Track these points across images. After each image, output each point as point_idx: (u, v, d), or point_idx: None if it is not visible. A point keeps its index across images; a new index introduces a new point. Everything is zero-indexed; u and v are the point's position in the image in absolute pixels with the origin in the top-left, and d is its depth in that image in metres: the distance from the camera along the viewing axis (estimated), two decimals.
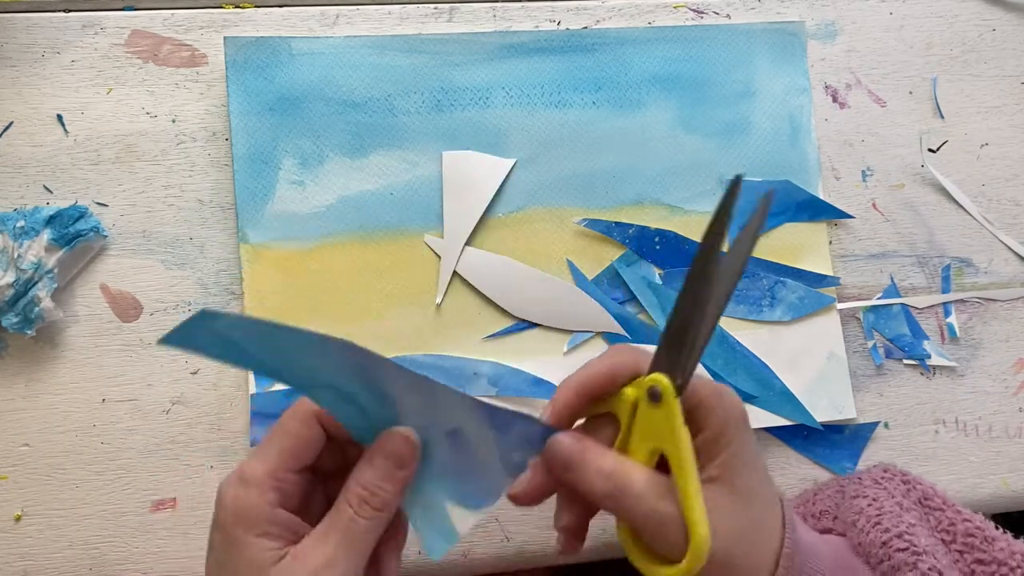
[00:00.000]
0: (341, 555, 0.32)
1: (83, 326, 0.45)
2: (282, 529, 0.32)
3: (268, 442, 0.33)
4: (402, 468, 0.33)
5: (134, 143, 0.47)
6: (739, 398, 0.35)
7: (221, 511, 0.32)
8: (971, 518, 0.41)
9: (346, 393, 0.32)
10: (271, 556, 0.31)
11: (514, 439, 0.35)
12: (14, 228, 0.44)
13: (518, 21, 0.51)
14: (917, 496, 0.43)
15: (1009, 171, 0.54)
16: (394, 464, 0.33)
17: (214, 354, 0.30)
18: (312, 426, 0.33)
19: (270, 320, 0.30)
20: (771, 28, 0.52)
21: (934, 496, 0.43)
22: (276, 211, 0.47)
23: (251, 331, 0.30)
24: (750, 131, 0.51)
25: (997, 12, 0.56)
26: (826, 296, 0.50)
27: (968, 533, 0.40)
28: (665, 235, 0.50)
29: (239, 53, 0.47)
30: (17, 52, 0.47)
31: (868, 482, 0.43)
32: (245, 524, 0.31)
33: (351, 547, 0.32)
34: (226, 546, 0.32)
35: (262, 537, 0.31)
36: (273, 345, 0.30)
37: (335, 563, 0.31)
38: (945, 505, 0.42)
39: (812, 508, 0.45)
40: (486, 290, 0.48)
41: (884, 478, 0.43)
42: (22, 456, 0.44)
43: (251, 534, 0.31)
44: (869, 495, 0.42)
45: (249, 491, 0.32)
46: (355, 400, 0.32)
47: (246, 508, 0.31)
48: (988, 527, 0.41)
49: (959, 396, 0.52)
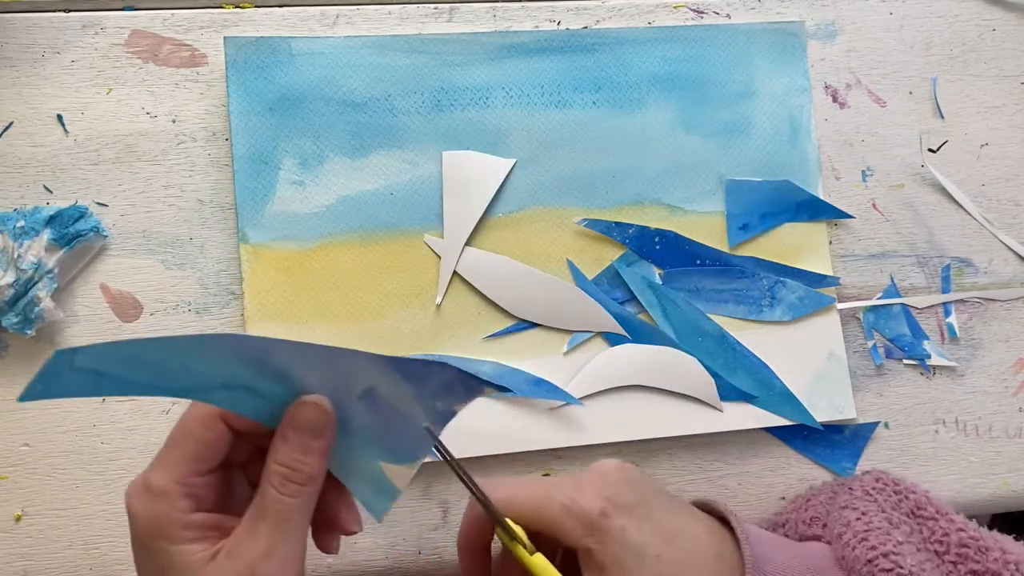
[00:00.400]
0: (277, 541, 0.30)
1: (83, 326, 0.45)
2: (204, 531, 0.31)
3: (170, 448, 0.32)
4: (317, 438, 0.32)
5: (134, 143, 0.47)
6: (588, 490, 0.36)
7: (134, 524, 0.31)
8: (965, 527, 0.41)
9: (240, 387, 0.31)
10: (201, 558, 0.30)
11: (434, 389, 0.33)
12: (14, 228, 0.44)
13: (518, 21, 0.51)
14: (910, 507, 0.42)
15: (1009, 171, 0.54)
16: (309, 435, 0.31)
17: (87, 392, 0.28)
18: (215, 427, 0.32)
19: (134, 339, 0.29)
20: (771, 28, 0.52)
21: (927, 505, 0.42)
22: (276, 211, 0.47)
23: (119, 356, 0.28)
24: (750, 131, 0.51)
25: (997, 12, 0.56)
26: (826, 296, 0.50)
27: (962, 544, 0.40)
28: (665, 235, 0.50)
29: (239, 53, 0.47)
30: (17, 52, 0.47)
31: (859, 492, 0.43)
32: (161, 536, 0.30)
33: (284, 530, 0.31)
34: (149, 559, 0.31)
35: (184, 543, 0.30)
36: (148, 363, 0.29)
37: (273, 551, 0.30)
38: (939, 515, 0.42)
39: (803, 515, 0.45)
40: (486, 290, 0.48)
41: (876, 488, 0.43)
42: (22, 456, 0.44)
43: (171, 543, 0.30)
44: (859, 507, 0.42)
45: (158, 503, 0.30)
46: (252, 390, 0.31)
47: (159, 520, 0.30)
48: (983, 536, 0.40)
49: (959, 396, 0.52)
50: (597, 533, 0.35)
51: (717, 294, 0.50)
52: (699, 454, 0.49)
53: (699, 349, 0.49)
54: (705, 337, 0.49)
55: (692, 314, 0.49)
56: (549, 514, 0.35)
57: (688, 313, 0.49)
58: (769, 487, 0.49)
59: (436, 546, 0.46)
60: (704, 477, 0.49)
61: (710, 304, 0.49)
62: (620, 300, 0.49)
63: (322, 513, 0.33)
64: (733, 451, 0.49)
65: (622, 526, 0.35)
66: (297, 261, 0.46)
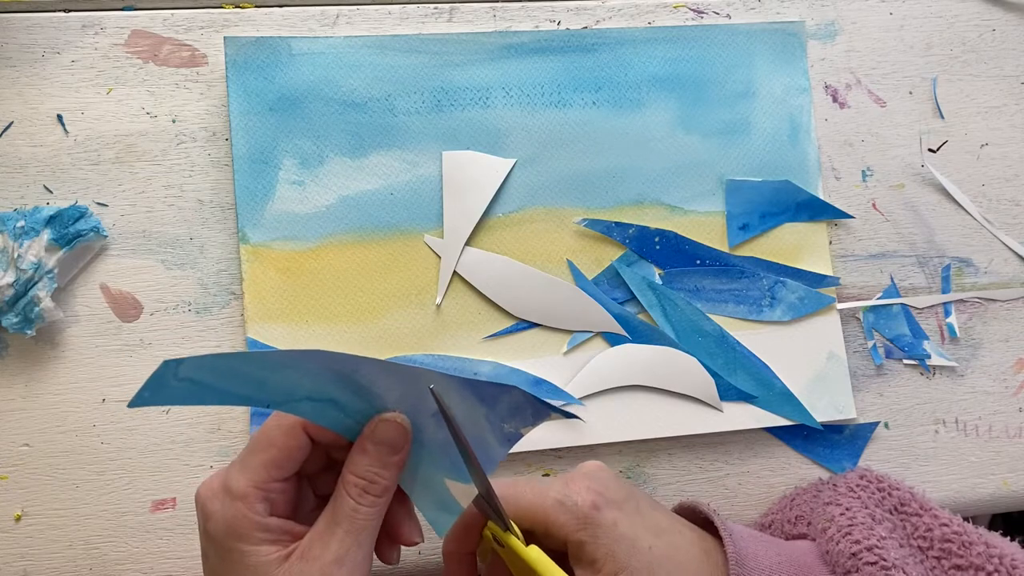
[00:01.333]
0: (350, 547, 0.32)
1: (83, 326, 0.45)
2: (278, 534, 0.32)
3: (252, 453, 0.33)
4: (395, 453, 0.33)
5: (134, 143, 0.47)
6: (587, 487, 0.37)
7: (210, 523, 0.32)
8: (948, 522, 0.41)
9: (325, 400, 0.32)
10: (274, 559, 0.31)
11: (504, 411, 0.35)
12: (14, 228, 0.44)
13: (518, 21, 0.51)
14: (893, 503, 0.43)
15: (1009, 171, 0.54)
16: (387, 450, 0.33)
17: (186, 401, 0.30)
18: (298, 436, 0.33)
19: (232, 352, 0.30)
20: (771, 28, 0.52)
21: (911, 502, 0.42)
22: (276, 211, 0.47)
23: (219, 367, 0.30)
24: (750, 131, 0.51)
25: (997, 12, 0.56)
26: (826, 296, 0.50)
27: (945, 539, 0.40)
28: (665, 235, 0.50)
29: (239, 53, 0.47)
30: (17, 52, 0.47)
31: (843, 489, 0.43)
32: (238, 536, 0.31)
33: (358, 538, 0.32)
34: (222, 557, 0.32)
35: (259, 544, 0.31)
36: (245, 375, 0.30)
37: (344, 558, 0.31)
38: (923, 510, 0.42)
39: (788, 514, 0.45)
40: (486, 290, 0.48)
41: (859, 486, 0.43)
42: (22, 456, 0.44)
43: (247, 544, 0.31)
44: (843, 503, 0.42)
45: (236, 504, 0.31)
46: (336, 403, 0.32)
47: (236, 521, 0.31)
48: (967, 531, 0.40)
49: (959, 396, 0.52)
50: (589, 526, 0.35)
51: (717, 294, 0.50)
52: (699, 454, 0.49)
53: (699, 349, 0.49)
54: (705, 337, 0.49)
55: (692, 314, 0.49)
56: (543, 510, 0.36)
57: (688, 313, 0.49)
58: (769, 487, 0.49)
59: (436, 546, 0.46)
60: (704, 477, 0.49)
61: (710, 304, 0.49)
62: (620, 300, 0.49)
63: (386, 524, 0.34)
64: (733, 451, 0.49)
65: (614, 519, 0.36)
66: (297, 261, 0.46)
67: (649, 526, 0.36)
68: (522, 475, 0.47)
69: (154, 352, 0.45)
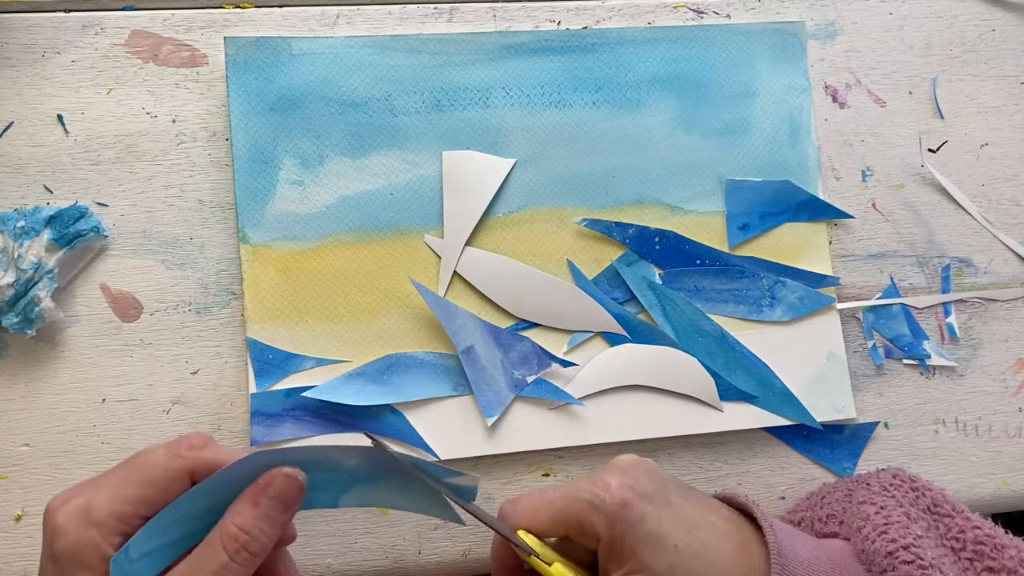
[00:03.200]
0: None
1: (83, 326, 0.45)
2: None
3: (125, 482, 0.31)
4: (287, 511, 0.31)
5: (134, 143, 0.47)
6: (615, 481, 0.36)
7: (57, 543, 0.30)
8: (981, 525, 0.41)
9: None
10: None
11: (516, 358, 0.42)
12: (14, 228, 0.44)
13: (518, 21, 0.51)
14: (926, 503, 0.42)
15: (1009, 171, 0.54)
16: (280, 507, 0.31)
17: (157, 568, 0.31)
18: (182, 484, 0.31)
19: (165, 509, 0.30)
20: (771, 28, 0.52)
21: (944, 503, 0.42)
22: (276, 211, 0.47)
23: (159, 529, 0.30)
24: (750, 131, 0.51)
25: (997, 12, 0.56)
26: (826, 296, 0.50)
27: (978, 541, 0.40)
28: (665, 235, 0.50)
29: (239, 53, 0.47)
30: (17, 52, 0.47)
31: (877, 488, 0.43)
32: (83, 565, 0.29)
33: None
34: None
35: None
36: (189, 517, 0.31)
37: None
38: (955, 512, 0.41)
39: (819, 512, 0.45)
40: (486, 290, 0.48)
41: (893, 484, 0.43)
42: (22, 456, 0.44)
43: (88, 574, 0.29)
44: (877, 502, 0.41)
45: (91, 531, 0.30)
46: None
47: (86, 548, 0.29)
48: (998, 534, 0.40)
49: (959, 396, 0.52)
50: (619, 523, 0.35)
51: (717, 294, 0.50)
52: (699, 454, 0.49)
53: (699, 349, 0.49)
54: (705, 337, 0.49)
55: (692, 314, 0.49)
56: (575, 513, 0.35)
57: (688, 313, 0.49)
58: (769, 487, 0.49)
59: (436, 546, 0.46)
60: (704, 477, 0.49)
61: (710, 304, 0.49)
62: (620, 300, 0.49)
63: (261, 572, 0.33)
64: (733, 451, 0.49)
65: (642, 514, 0.35)
66: (297, 261, 0.46)
67: (680, 520, 0.36)
68: (522, 474, 0.47)
69: (154, 352, 0.45)
